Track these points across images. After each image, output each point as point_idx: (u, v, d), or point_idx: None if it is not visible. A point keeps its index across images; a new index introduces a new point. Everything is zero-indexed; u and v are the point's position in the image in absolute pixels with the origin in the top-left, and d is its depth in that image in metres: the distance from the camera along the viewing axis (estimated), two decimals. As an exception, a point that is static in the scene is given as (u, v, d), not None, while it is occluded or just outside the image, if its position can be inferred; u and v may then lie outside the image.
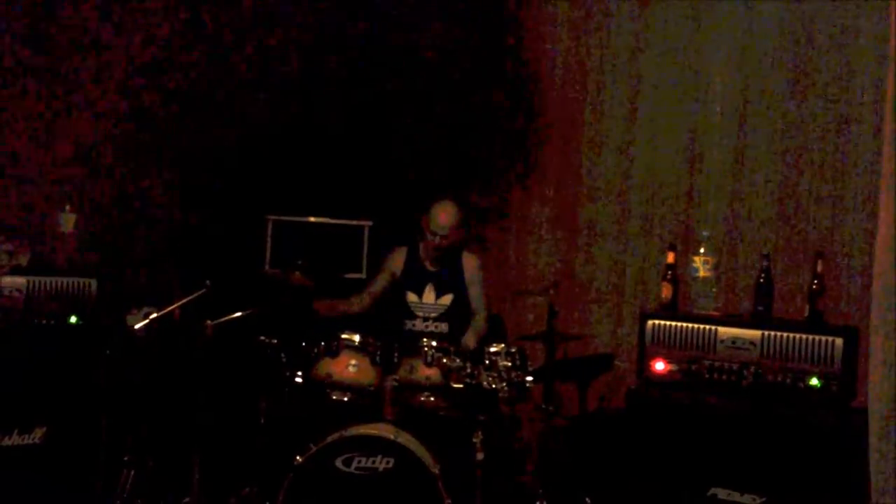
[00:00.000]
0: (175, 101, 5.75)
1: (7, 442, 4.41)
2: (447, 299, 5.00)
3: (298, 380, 4.46)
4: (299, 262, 4.81)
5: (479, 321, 4.94)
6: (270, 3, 6.10)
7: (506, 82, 6.01)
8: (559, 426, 4.83)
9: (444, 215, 4.95)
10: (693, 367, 4.28)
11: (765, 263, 4.36)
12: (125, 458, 4.67)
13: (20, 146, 5.13)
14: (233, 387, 4.92)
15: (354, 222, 5.86)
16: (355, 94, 6.16)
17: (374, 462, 4.07)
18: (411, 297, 5.04)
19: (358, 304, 4.98)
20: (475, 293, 5.01)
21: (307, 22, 6.16)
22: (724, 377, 4.21)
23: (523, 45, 6.00)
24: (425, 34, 6.14)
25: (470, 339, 4.74)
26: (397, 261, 5.12)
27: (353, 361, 4.42)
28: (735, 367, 4.20)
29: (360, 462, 4.07)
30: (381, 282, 5.06)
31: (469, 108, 6.06)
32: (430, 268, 5.06)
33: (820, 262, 4.29)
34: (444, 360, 4.30)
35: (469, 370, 4.27)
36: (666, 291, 4.51)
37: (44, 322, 4.63)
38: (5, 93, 5.06)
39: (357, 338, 4.46)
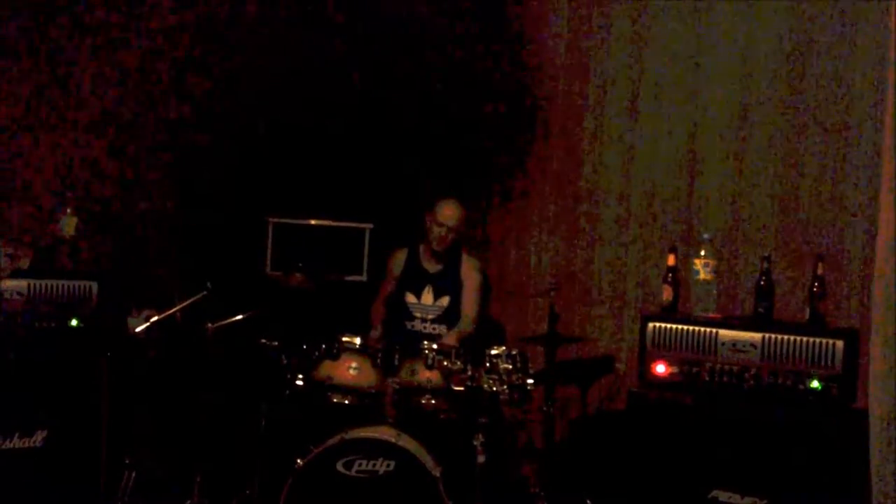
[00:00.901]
0: (175, 103, 5.76)
1: (8, 445, 4.41)
2: (445, 301, 5.02)
3: (299, 382, 4.46)
4: (300, 265, 4.82)
5: (464, 323, 4.93)
6: (271, 3, 6.11)
7: (506, 84, 6.01)
8: (560, 428, 4.84)
9: (448, 210, 5.00)
10: (694, 369, 4.27)
11: (765, 265, 4.35)
12: (126, 461, 4.69)
13: (21, 149, 5.13)
14: (234, 389, 4.92)
15: (355, 225, 5.86)
16: (356, 96, 6.16)
17: (374, 465, 4.07)
18: (410, 297, 5.06)
19: (380, 319, 5.02)
20: (466, 294, 5.01)
21: (308, 22, 6.16)
22: (724, 379, 4.21)
23: (523, 47, 6.00)
24: (426, 36, 6.14)
25: (450, 338, 4.72)
26: (398, 262, 5.14)
27: (354, 364, 4.43)
28: (736, 369, 4.19)
29: (360, 465, 4.07)
30: (389, 286, 5.09)
31: (469, 109, 6.06)
32: (430, 269, 5.08)
33: (820, 264, 4.28)
34: (445, 363, 4.30)
35: (470, 373, 4.28)
36: (667, 294, 4.50)
37: (45, 325, 4.62)
38: (5, 95, 5.06)
39: (358, 340, 4.47)
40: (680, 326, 4.33)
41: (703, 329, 4.28)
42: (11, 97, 5.09)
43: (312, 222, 5.85)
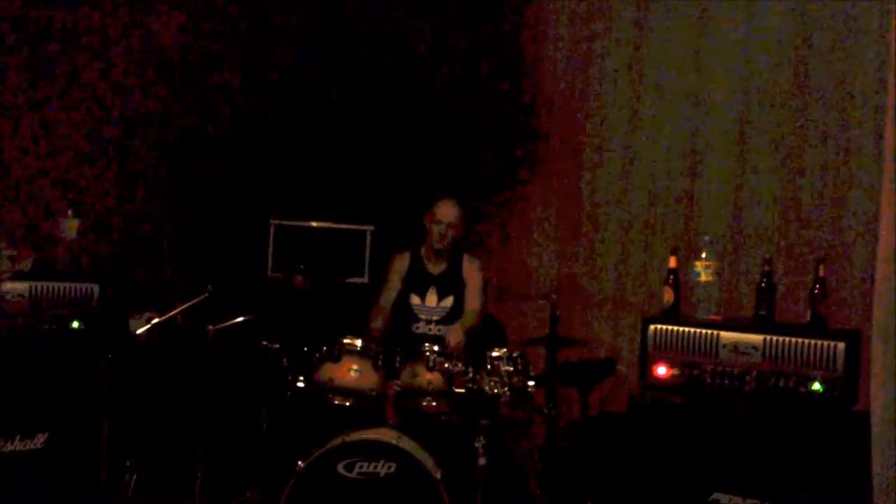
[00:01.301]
0: (176, 106, 5.76)
1: (9, 447, 4.41)
2: (449, 301, 5.02)
3: (300, 384, 4.46)
4: (301, 267, 4.82)
5: (469, 316, 4.93)
6: (271, 6, 6.11)
7: (507, 86, 6.01)
8: (561, 430, 4.83)
9: (445, 207, 5.00)
10: (695, 371, 4.27)
11: (766, 268, 4.35)
12: (127, 463, 4.70)
13: (22, 151, 5.14)
14: (235, 391, 4.93)
15: (357, 227, 5.86)
16: (358, 100, 6.17)
17: (375, 467, 4.07)
18: (414, 299, 5.05)
19: (383, 321, 4.95)
20: (470, 291, 5.02)
21: (309, 25, 6.17)
22: (726, 382, 4.20)
23: (524, 49, 6.00)
24: (426, 40, 6.14)
25: (452, 332, 4.66)
26: (402, 265, 5.13)
27: (355, 366, 4.42)
28: (737, 371, 4.19)
29: (362, 467, 4.07)
30: (393, 290, 5.08)
31: (470, 112, 6.07)
32: (433, 271, 5.08)
33: (821, 266, 4.28)
34: (446, 365, 4.30)
35: (471, 375, 4.28)
36: (668, 296, 4.50)
37: (46, 327, 4.63)
38: (6, 99, 5.07)
39: (359, 343, 4.47)
40: (681, 328, 4.33)
41: (704, 331, 4.28)
42: (12, 99, 5.09)
43: (314, 224, 5.85)
